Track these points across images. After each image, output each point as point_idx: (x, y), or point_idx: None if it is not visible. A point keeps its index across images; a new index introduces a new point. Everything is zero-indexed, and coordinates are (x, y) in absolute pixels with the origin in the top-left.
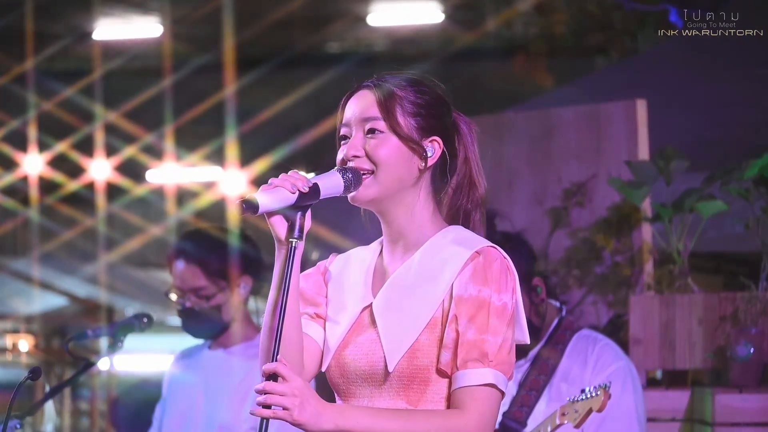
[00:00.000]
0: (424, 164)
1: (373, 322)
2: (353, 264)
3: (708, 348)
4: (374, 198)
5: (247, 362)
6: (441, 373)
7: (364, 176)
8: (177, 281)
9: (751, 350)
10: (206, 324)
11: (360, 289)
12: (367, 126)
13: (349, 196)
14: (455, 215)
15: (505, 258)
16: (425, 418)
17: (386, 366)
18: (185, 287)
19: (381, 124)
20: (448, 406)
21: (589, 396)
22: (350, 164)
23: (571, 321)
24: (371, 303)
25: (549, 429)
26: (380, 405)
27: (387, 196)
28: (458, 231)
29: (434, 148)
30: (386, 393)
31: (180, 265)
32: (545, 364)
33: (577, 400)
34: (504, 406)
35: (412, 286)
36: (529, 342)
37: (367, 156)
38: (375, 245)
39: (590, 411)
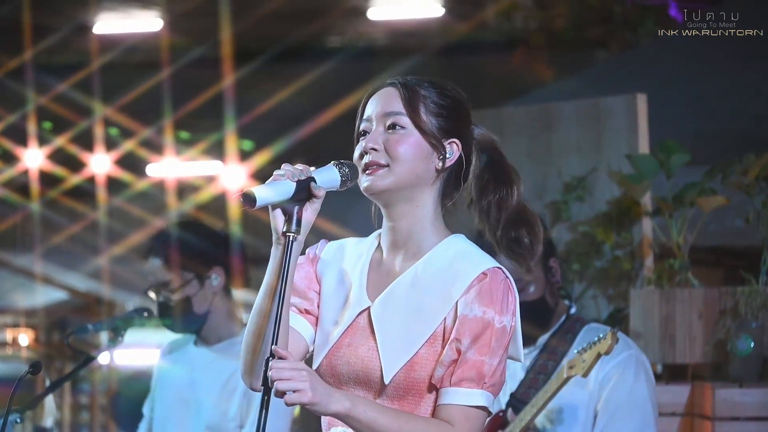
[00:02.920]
0: (441, 164)
1: (371, 327)
2: (349, 258)
3: (708, 342)
4: (387, 188)
5: (233, 360)
6: (434, 388)
7: (378, 169)
8: (149, 278)
9: (752, 344)
10: (179, 318)
11: (356, 289)
12: (389, 121)
13: (363, 186)
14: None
15: (507, 278)
16: (423, 424)
17: (382, 376)
18: (154, 282)
19: (404, 120)
20: None
21: (596, 342)
22: (366, 157)
23: (580, 316)
24: (368, 307)
25: (556, 386)
26: None
27: (400, 190)
28: (461, 243)
29: (453, 150)
30: (380, 400)
31: (148, 262)
32: (554, 352)
33: (585, 351)
34: (513, 388)
35: (414, 297)
36: (522, 361)
37: (386, 150)
38: (371, 241)
39: (599, 356)
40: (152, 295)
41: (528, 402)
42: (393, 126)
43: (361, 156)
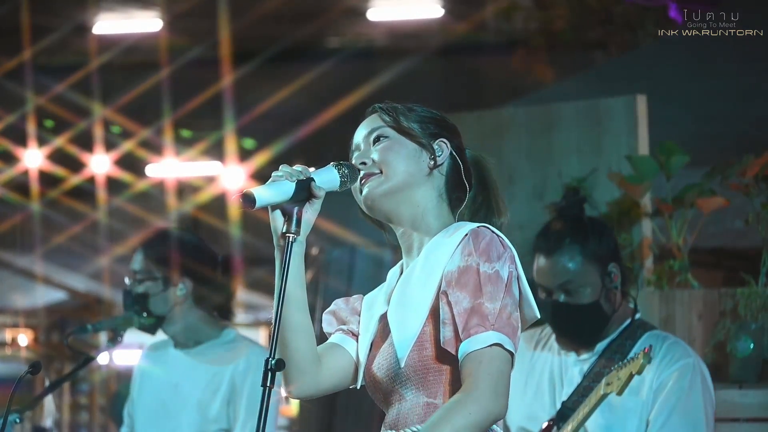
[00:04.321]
0: (433, 162)
1: (388, 329)
2: (382, 287)
3: (708, 343)
4: (385, 193)
5: (212, 362)
6: (449, 355)
7: (372, 177)
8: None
9: (751, 346)
10: (137, 310)
11: (379, 305)
12: (373, 136)
13: (362, 197)
14: None
15: (496, 234)
16: (441, 421)
17: (399, 364)
18: (130, 270)
19: (387, 131)
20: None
21: (629, 361)
22: (361, 172)
23: (644, 321)
24: (386, 312)
25: (594, 402)
26: (406, 405)
27: (397, 193)
28: (459, 224)
29: (443, 148)
30: (408, 391)
31: (136, 254)
32: (611, 359)
33: (621, 368)
34: (565, 395)
35: (414, 283)
36: (539, 316)
37: (374, 161)
38: (399, 265)
39: (631, 375)
40: (126, 281)
41: (576, 410)
42: (378, 138)
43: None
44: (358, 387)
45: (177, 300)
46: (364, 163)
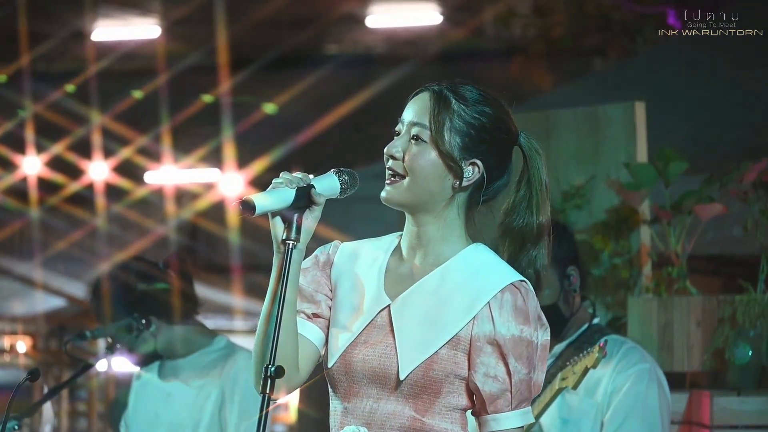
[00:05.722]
0: (459, 183)
1: (390, 325)
2: (364, 261)
3: (706, 350)
4: (403, 203)
5: (204, 370)
6: (459, 388)
7: (395, 180)
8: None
9: (750, 353)
10: (143, 357)
11: (373, 289)
12: (414, 131)
13: (381, 195)
14: (504, 237)
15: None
16: None
17: (398, 373)
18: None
19: (426, 134)
20: (454, 418)
21: (585, 355)
22: (389, 162)
23: (601, 327)
24: (389, 305)
25: (549, 396)
26: (386, 408)
27: (416, 204)
28: (484, 252)
29: (473, 170)
30: (394, 398)
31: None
32: (567, 362)
33: (576, 363)
34: None
35: (437, 300)
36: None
37: (404, 161)
38: (388, 242)
39: (586, 369)
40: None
41: None
42: (416, 137)
43: (386, 159)
44: (329, 367)
45: (155, 334)
46: (394, 157)
